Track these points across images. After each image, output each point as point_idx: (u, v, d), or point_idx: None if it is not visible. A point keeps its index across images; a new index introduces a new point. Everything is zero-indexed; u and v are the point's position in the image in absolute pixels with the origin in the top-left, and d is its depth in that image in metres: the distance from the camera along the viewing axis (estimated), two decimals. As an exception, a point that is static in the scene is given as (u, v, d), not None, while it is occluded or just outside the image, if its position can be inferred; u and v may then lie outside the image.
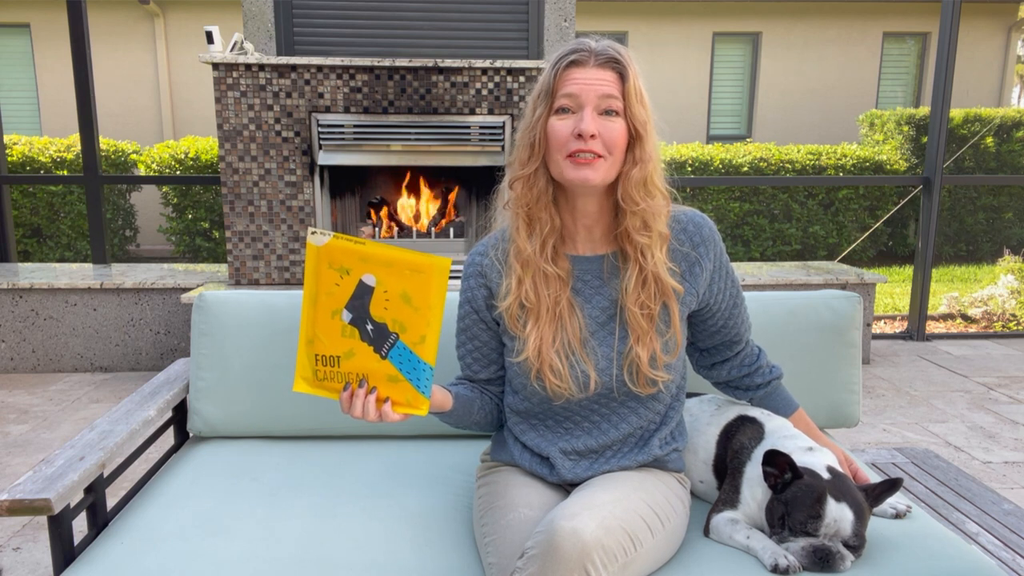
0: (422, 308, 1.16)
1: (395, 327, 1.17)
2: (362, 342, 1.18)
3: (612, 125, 1.26)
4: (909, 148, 7.72)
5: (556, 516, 1.12)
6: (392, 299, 1.16)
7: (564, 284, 1.34)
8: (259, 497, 1.51)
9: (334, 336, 1.19)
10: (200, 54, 3.58)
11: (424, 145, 3.73)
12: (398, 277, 1.15)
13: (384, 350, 1.18)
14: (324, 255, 1.16)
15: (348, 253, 1.15)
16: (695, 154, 7.32)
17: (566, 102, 1.26)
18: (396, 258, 1.15)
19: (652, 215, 1.29)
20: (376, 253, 1.15)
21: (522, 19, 3.98)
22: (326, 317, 1.18)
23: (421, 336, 1.17)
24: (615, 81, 1.26)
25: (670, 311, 1.32)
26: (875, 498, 1.30)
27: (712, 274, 1.38)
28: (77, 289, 3.85)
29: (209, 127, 8.26)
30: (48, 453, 2.83)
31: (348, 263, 1.16)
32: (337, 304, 1.17)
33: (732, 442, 1.47)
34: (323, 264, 1.16)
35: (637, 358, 1.30)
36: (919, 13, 9.68)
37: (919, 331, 4.61)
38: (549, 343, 1.31)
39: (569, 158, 1.26)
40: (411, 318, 1.16)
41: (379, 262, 1.15)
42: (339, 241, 1.15)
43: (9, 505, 1.22)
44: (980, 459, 2.87)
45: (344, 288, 1.17)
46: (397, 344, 1.18)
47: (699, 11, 9.59)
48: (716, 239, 1.39)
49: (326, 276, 1.17)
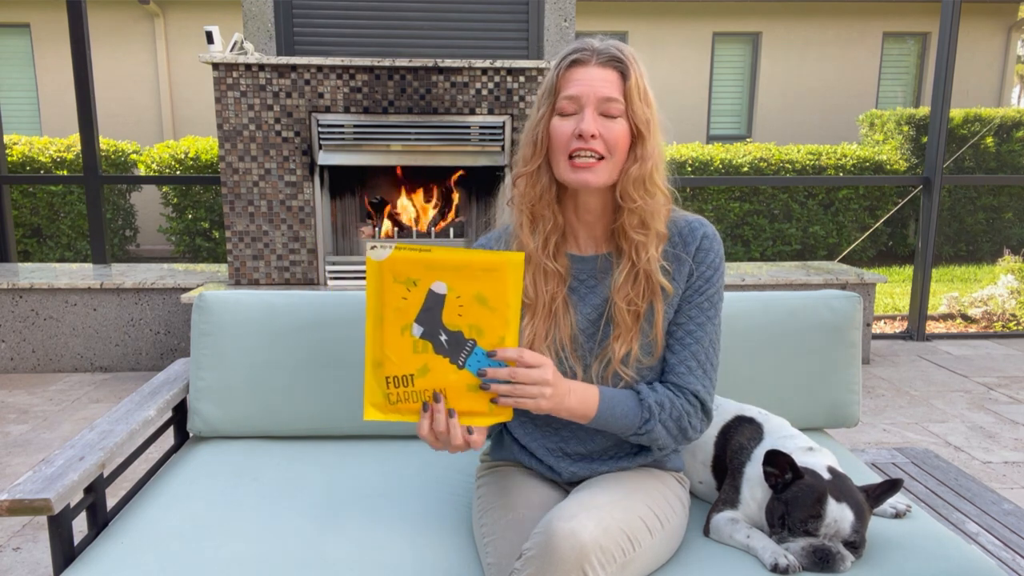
0: (500, 308, 1.10)
1: (472, 333, 1.11)
2: (437, 355, 1.11)
3: (613, 125, 1.25)
4: (909, 148, 7.72)
5: (554, 517, 1.12)
6: (466, 304, 1.10)
7: (562, 282, 1.34)
8: (259, 497, 1.51)
9: (405, 354, 1.12)
10: (200, 54, 3.58)
11: (424, 145, 3.73)
12: (471, 280, 1.09)
13: (461, 359, 1.12)
14: (387, 269, 1.09)
15: (414, 263, 1.09)
16: (695, 154, 7.32)
17: (568, 102, 1.26)
18: (467, 260, 1.09)
19: (651, 214, 1.29)
20: (444, 258, 1.09)
21: (522, 19, 3.98)
22: (395, 335, 1.11)
23: (500, 337, 1.12)
24: (617, 81, 1.25)
25: (655, 312, 1.30)
26: (875, 498, 1.30)
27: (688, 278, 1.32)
28: (77, 289, 3.84)
29: (209, 127, 8.26)
30: (48, 453, 2.83)
31: (415, 273, 1.09)
32: (406, 319, 1.11)
33: (730, 442, 1.47)
34: (387, 279, 1.10)
35: (612, 353, 1.29)
36: (919, 13, 9.68)
37: (919, 331, 4.61)
38: (542, 338, 1.31)
39: (569, 160, 1.25)
40: (488, 320, 1.11)
41: (448, 267, 1.09)
42: (402, 252, 1.09)
43: (9, 505, 1.22)
44: (980, 459, 2.87)
45: (412, 301, 1.10)
46: (475, 351, 1.12)
47: (699, 11, 9.59)
48: (708, 247, 1.32)
49: (392, 291, 1.10)
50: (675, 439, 1.30)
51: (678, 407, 1.28)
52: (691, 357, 1.30)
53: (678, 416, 1.28)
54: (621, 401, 1.26)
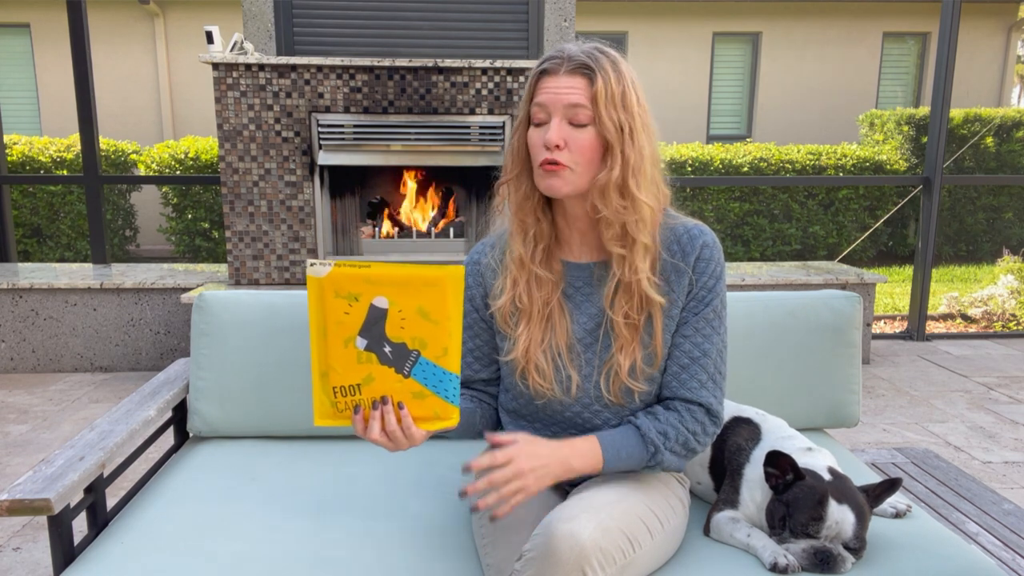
0: (441, 320, 1.12)
1: (415, 344, 1.12)
2: (382, 365, 1.13)
3: (580, 135, 1.23)
4: (909, 148, 7.72)
5: (553, 519, 1.12)
6: (408, 317, 1.11)
7: (556, 287, 1.33)
8: (259, 497, 1.51)
9: (350, 364, 1.13)
10: (200, 54, 3.58)
11: (424, 145, 3.73)
12: (412, 294, 1.11)
13: (406, 369, 1.13)
14: (328, 285, 1.11)
15: (354, 279, 1.10)
16: (695, 154, 7.32)
17: (538, 111, 1.25)
18: (407, 275, 1.10)
19: (633, 224, 1.25)
20: (384, 274, 1.10)
21: (522, 19, 3.98)
22: (338, 347, 1.13)
23: (444, 348, 1.13)
24: (584, 88, 1.22)
25: (654, 323, 1.29)
26: (875, 498, 1.30)
27: (689, 289, 1.30)
28: (77, 289, 3.85)
29: (209, 127, 8.26)
30: (48, 453, 2.83)
31: (356, 289, 1.11)
32: (349, 332, 1.12)
33: (728, 443, 1.47)
34: (328, 295, 1.11)
35: (618, 366, 1.28)
36: (919, 13, 9.68)
37: (919, 331, 4.61)
38: (537, 343, 1.31)
39: (540, 167, 1.25)
40: (431, 332, 1.12)
41: (389, 282, 1.10)
42: (343, 268, 1.10)
43: (9, 505, 1.22)
44: (980, 459, 2.87)
45: (355, 315, 1.12)
46: (420, 360, 1.13)
47: (699, 11, 9.59)
48: (709, 256, 1.30)
49: (333, 306, 1.12)
50: (684, 459, 1.31)
51: (683, 432, 1.27)
52: (702, 371, 1.29)
53: (684, 440, 1.28)
54: (624, 444, 1.25)
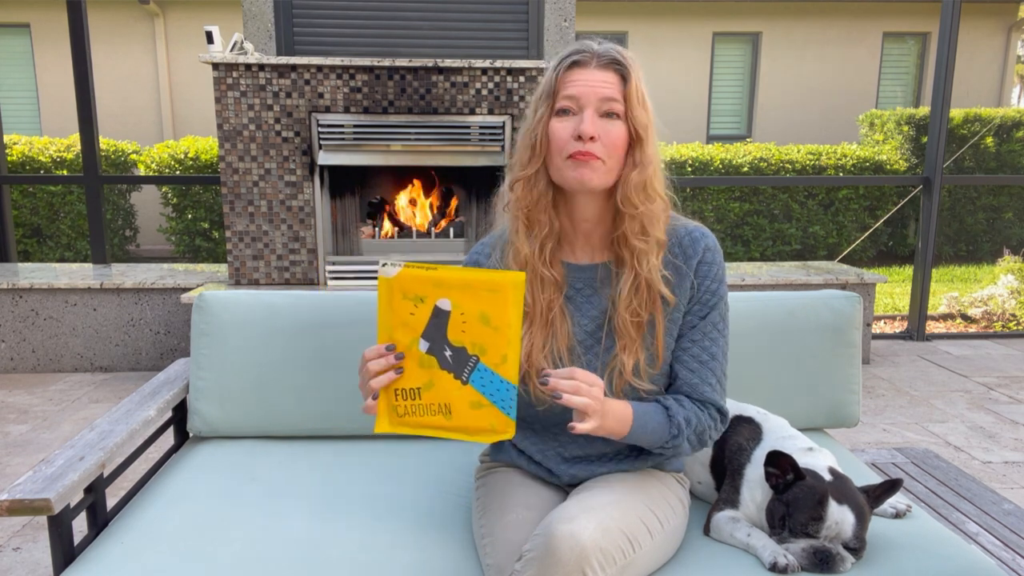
0: (501, 327, 1.13)
1: (475, 350, 1.14)
2: (442, 370, 1.15)
3: (612, 128, 1.24)
4: (909, 148, 7.72)
5: (554, 519, 1.12)
6: (470, 321, 1.13)
7: (558, 290, 1.33)
8: (259, 497, 1.51)
9: (412, 367, 1.16)
10: (200, 54, 3.58)
11: (424, 145, 3.73)
12: (474, 298, 1.13)
13: (465, 375, 1.15)
14: (396, 286, 1.14)
15: (421, 280, 1.13)
16: (695, 154, 7.32)
17: (567, 103, 1.25)
18: (471, 279, 1.13)
19: (651, 220, 1.28)
20: (450, 276, 1.13)
21: (522, 19, 3.98)
22: (403, 349, 1.15)
23: (503, 356, 1.14)
24: (617, 83, 1.24)
25: (656, 322, 1.30)
26: (875, 498, 1.30)
27: (691, 292, 1.32)
28: (77, 289, 3.84)
29: (209, 127, 8.26)
30: (48, 453, 2.83)
31: (422, 291, 1.13)
32: (414, 334, 1.15)
33: (729, 442, 1.47)
34: (396, 296, 1.14)
35: (622, 366, 1.29)
36: (919, 13, 9.68)
37: (919, 331, 4.61)
38: (539, 348, 1.30)
39: (569, 159, 1.24)
40: (491, 339, 1.13)
41: (454, 285, 1.13)
42: (411, 270, 1.13)
43: (9, 505, 1.22)
44: (980, 459, 2.87)
45: (419, 317, 1.14)
46: (478, 367, 1.15)
47: (699, 11, 9.59)
48: (711, 260, 1.32)
49: (400, 307, 1.15)
50: (694, 450, 1.34)
51: (703, 422, 1.31)
52: (711, 374, 1.32)
53: (701, 431, 1.31)
54: (652, 417, 1.27)
